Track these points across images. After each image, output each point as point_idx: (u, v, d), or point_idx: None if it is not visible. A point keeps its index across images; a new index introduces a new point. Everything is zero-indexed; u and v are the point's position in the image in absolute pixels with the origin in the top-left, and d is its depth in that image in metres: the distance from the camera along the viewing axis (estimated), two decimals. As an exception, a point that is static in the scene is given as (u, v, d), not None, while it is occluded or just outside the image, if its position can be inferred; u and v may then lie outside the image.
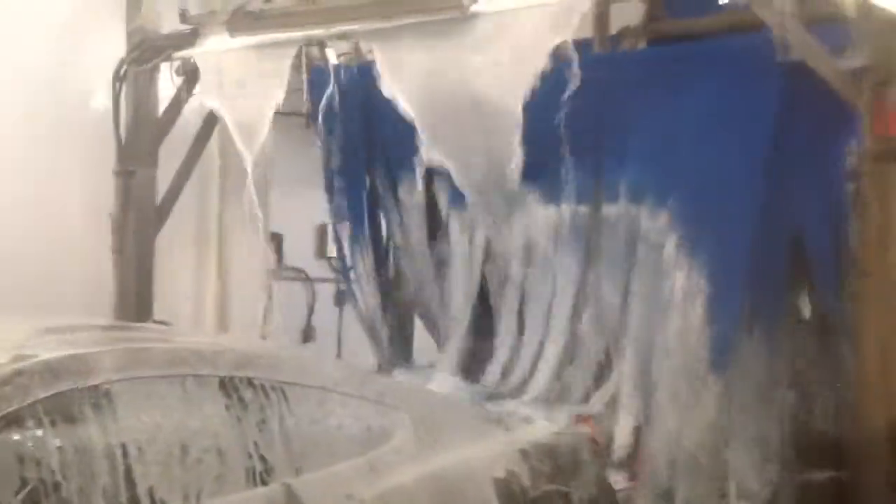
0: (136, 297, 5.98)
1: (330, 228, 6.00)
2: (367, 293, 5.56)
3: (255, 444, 2.55)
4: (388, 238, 5.64)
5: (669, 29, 5.15)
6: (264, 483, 2.53)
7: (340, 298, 8.69)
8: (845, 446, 3.89)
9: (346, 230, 5.61)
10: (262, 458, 2.55)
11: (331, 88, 5.37)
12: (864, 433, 3.57)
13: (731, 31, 4.68)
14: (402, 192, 5.35)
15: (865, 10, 3.43)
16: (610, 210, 4.56)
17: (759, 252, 4.32)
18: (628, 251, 4.51)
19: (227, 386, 2.57)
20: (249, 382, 2.61)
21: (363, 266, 5.48)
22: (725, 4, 4.86)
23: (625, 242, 4.53)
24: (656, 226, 4.40)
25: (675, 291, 4.36)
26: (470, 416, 3.35)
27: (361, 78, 5.17)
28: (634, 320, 4.53)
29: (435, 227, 5.37)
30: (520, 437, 3.22)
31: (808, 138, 4.36)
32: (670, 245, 4.39)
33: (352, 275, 5.57)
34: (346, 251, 5.54)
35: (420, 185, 5.25)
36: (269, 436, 2.59)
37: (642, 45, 5.21)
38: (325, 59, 6.38)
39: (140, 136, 5.93)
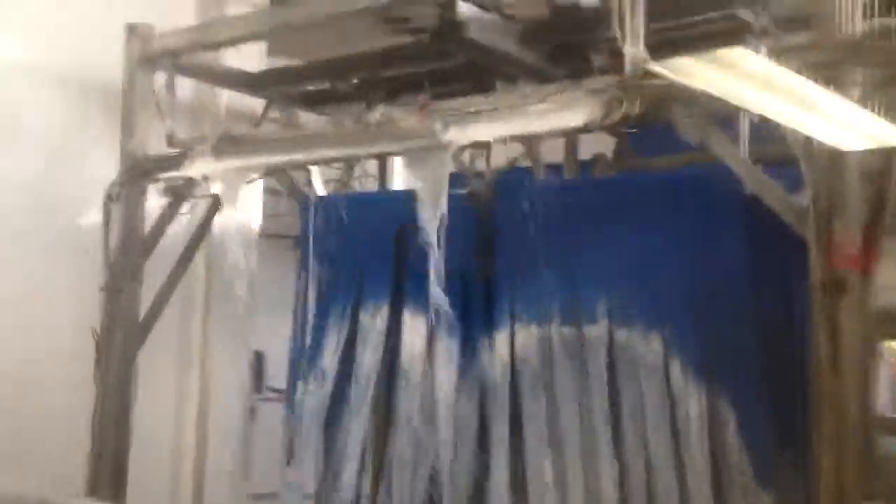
0: (116, 413, 6.03)
1: (289, 354, 6.11)
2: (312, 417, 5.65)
3: None
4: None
5: (635, 164, 5.44)
6: None
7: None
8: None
9: (305, 352, 5.72)
10: None
11: (313, 219, 5.58)
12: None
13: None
14: (364, 316, 5.47)
15: (810, 148, 3.61)
16: (590, 331, 4.68)
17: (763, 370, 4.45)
18: (620, 375, 4.61)
19: None
20: None
21: (314, 387, 5.59)
22: (686, 144, 5.13)
23: (611, 364, 4.63)
24: (651, 349, 4.52)
25: (690, 416, 4.46)
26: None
27: (347, 205, 5.37)
28: (655, 446, 4.58)
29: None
30: None
31: (772, 267, 4.54)
32: (674, 371, 4.50)
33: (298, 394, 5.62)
34: (300, 378, 5.63)
35: (385, 312, 5.37)
36: None
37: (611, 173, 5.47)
38: (310, 182, 6.66)
39: (127, 254, 6.08)
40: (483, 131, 4.26)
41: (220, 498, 6.96)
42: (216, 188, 5.99)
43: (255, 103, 6.90)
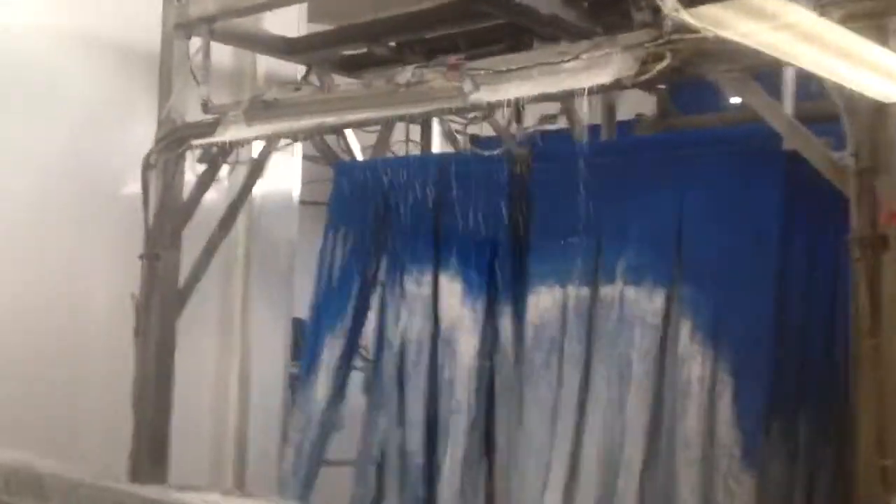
0: (156, 379, 6.05)
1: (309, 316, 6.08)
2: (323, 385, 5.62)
3: None
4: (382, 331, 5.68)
5: (678, 124, 5.32)
6: None
7: (368, 386, 8.78)
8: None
9: (325, 316, 5.69)
10: None
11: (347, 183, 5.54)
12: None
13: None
14: (410, 283, 5.42)
15: (852, 101, 3.48)
16: (606, 291, 4.58)
17: (777, 341, 4.31)
18: (626, 334, 4.50)
19: None
20: None
21: (330, 356, 5.56)
22: (729, 103, 5.02)
23: (621, 324, 4.53)
24: (653, 307, 4.41)
25: (691, 380, 4.34)
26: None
27: (381, 170, 5.34)
28: (635, 409, 4.49)
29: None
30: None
31: (810, 225, 4.40)
32: (683, 332, 4.38)
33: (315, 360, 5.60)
34: (322, 341, 5.60)
35: (429, 278, 5.32)
36: None
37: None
38: (349, 148, 6.61)
39: (166, 221, 6.07)
40: (514, 90, 4.16)
41: (263, 464, 6.98)
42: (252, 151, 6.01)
43: (295, 70, 6.86)
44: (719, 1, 2.99)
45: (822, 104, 4.16)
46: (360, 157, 6.58)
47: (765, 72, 4.04)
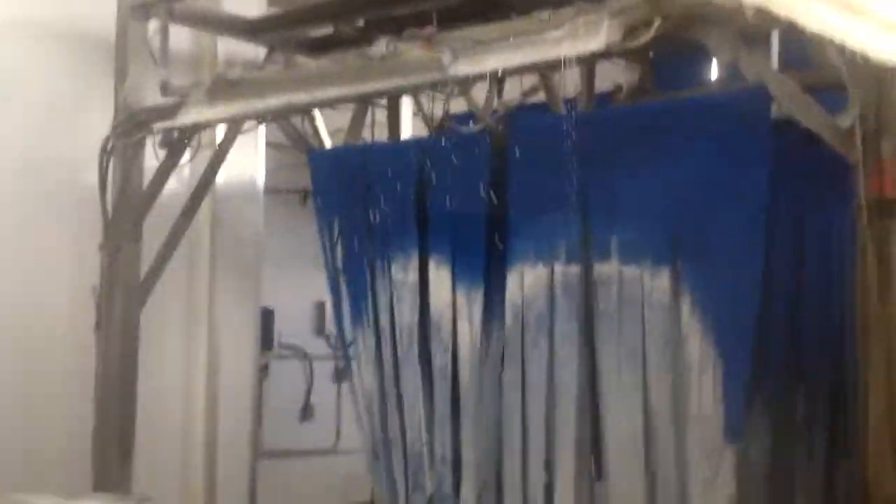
0: (119, 375, 5.83)
1: (329, 306, 5.85)
2: (365, 373, 5.42)
3: None
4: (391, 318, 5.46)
5: (658, 97, 5.18)
6: None
7: (339, 376, 8.63)
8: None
9: (346, 309, 5.49)
10: None
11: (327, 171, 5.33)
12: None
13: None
14: (396, 271, 5.22)
15: (857, 60, 3.32)
16: (602, 269, 4.40)
17: (763, 313, 4.19)
18: (626, 313, 4.34)
19: None
20: None
21: (363, 345, 5.35)
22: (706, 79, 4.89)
23: (619, 303, 4.36)
24: (658, 285, 4.26)
25: (691, 358, 4.21)
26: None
27: (359, 157, 5.15)
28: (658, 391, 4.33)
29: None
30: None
31: (803, 194, 4.27)
32: (684, 308, 4.24)
33: (351, 352, 5.41)
34: (347, 330, 5.39)
35: (415, 265, 5.13)
36: None
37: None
38: (317, 132, 6.37)
39: (126, 211, 5.84)
40: (496, 61, 3.97)
41: (234, 459, 6.76)
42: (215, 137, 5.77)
43: (256, 52, 6.62)
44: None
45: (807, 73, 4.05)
46: (327, 139, 6.34)
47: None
